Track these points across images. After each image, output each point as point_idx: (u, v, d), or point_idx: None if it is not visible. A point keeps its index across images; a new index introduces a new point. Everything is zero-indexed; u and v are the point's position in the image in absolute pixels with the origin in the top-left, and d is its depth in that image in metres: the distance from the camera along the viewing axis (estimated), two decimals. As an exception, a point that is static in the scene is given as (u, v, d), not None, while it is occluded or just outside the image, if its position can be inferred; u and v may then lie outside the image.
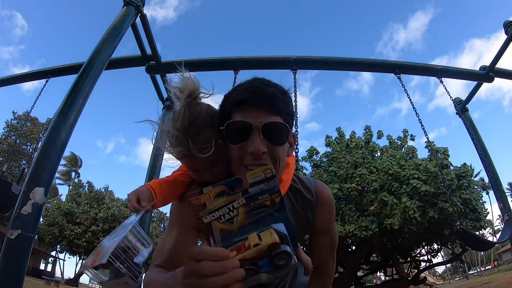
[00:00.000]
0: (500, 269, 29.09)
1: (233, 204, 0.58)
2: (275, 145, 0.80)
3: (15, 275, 1.80)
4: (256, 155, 0.77)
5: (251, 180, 0.58)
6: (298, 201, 0.98)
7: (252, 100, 0.80)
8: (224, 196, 0.58)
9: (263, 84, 0.83)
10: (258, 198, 0.58)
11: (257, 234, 0.56)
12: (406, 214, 7.33)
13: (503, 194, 4.09)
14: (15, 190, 3.46)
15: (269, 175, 0.59)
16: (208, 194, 0.58)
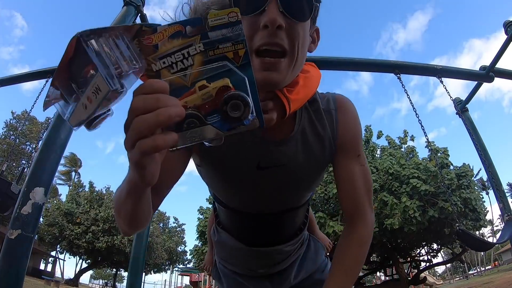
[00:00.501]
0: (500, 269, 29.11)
1: (188, 50, 0.47)
2: (295, 20, 0.64)
3: (15, 275, 1.80)
4: (271, 28, 0.61)
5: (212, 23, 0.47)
6: (318, 113, 0.80)
7: None
8: (180, 38, 0.47)
9: None
10: (219, 46, 0.47)
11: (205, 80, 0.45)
12: (406, 214, 7.34)
13: (503, 194, 4.09)
14: (15, 189, 3.46)
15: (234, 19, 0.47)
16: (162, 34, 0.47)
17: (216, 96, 0.44)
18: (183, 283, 36.98)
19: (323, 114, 0.80)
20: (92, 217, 21.67)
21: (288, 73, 0.66)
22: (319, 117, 0.80)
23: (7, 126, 22.59)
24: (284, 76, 0.66)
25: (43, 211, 12.27)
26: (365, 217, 0.82)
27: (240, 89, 0.44)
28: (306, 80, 0.75)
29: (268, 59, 0.63)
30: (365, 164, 0.83)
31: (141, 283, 3.72)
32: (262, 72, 0.63)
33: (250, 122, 0.44)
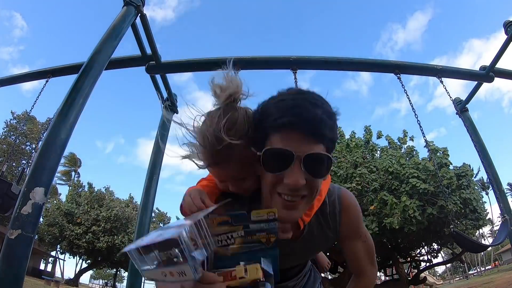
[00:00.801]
0: (500, 269, 29.09)
1: (232, 234, 0.64)
2: (316, 178, 0.73)
3: (15, 275, 1.80)
4: (294, 188, 0.71)
5: (254, 218, 0.64)
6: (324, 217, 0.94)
7: (296, 125, 0.69)
8: (227, 226, 0.64)
9: (310, 104, 0.71)
10: (256, 234, 0.64)
11: (244, 268, 0.60)
12: (405, 213, 7.34)
13: (503, 194, 4.08)
14: (15, 190, 3.46)
15: (271, 218, 0.64)
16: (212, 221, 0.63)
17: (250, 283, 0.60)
18: (183, 283, 36.94)
19: (329, 217, 0.94)
20: (92, 217, 21.66)
21: (303, 210, 0.79)
22: (326, 219, 0.94)
23: (7, 126, 22.57)
24: (302, 212, 0.79)
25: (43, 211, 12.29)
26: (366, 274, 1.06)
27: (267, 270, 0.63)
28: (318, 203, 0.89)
29: (289, 202, 0.74)
30: (367, 240, 1.02)
31: (141, 283, 3.72)
32: (283, 211, 0.73)
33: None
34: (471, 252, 4.49)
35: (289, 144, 0.70)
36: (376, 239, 8.33)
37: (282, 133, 0.71)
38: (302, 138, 0.70)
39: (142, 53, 3.69)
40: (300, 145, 0.70)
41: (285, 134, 0.70)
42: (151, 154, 4.15)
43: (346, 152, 9.45)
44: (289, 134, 0.70)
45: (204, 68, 3.98)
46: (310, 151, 0.70)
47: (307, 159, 0.69)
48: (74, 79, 2.51)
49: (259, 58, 3.87)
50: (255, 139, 0.76)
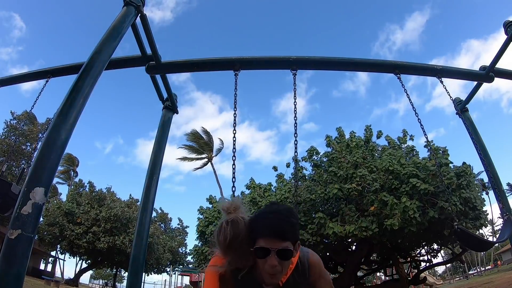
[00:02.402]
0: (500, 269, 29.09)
1: None
2: (284, 261, 1.22)
3: (15, 275, 1.79)
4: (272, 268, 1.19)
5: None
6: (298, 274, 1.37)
7: (271, 234, 1.20)
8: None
9: (280, 221, 1.21)
10: None
11: None
12: (406, 214, 7.33)
13: (503, 194, 4.09)
14: (15, 190, 3.46)
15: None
16: None
17: None
18: (183, 283, 36.97)
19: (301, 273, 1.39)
20: (92, 217, 21.65)
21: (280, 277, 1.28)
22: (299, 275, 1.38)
23: (7, 127, 22.57)
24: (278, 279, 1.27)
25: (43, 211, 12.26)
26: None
27: None
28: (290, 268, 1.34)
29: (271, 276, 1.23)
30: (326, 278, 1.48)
31: (141, 283, 3.72)
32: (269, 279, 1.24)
33: None
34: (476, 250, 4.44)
35: (268, 244, 1.19)
36: (376, 239, 8.33)
37: (263, 237, 1.20)
38: (275, 240, 1.19)
39: (142, 53, 3.69)
40: (274, 244, 1.19)
41: (265, 238, 1.20)
42: (151, 154, 4.15)
43: (346, 152, 9.45)
44: (268, 238, 1.20)
45: (204, 68, 3.98)
46: (280, 247, 1.19)
47: (278, 252, 1.19)
48: (74, 79, 2.51)
49: (259, 58, 3.87)
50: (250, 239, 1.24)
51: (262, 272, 1.24)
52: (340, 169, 8.74)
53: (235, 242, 1.21)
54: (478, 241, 3.90)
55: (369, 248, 10.02)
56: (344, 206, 8.47)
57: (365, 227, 7.86)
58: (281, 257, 1.20)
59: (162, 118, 4.40)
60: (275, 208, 1.29)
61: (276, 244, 1.19)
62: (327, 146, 10.52)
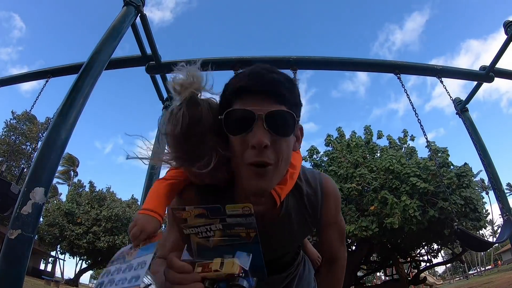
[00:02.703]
0: (500, 269, 29.08)
1: (211, 226, 0.63)
2: (280, 136, 0.73)
3: (15, 275, 1.79)
4: (259, 148, 0.70)
5: (229, 212, 0.62)
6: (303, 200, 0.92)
7: (255, 87, 0.73)
8: (203, 218, 0.63)
9: (266, 71, 0.75)
10: (234, 228, 0.63)
11: (221, 261, 0.61)
12: (406, 213, 7.33)
13: (503, 194, 4.08)
14: (14, 189, 3.46)
15: (247, 213, 0.61)
16: (189, 213, 0.63)
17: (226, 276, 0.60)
18: (183, 283, 36.95)
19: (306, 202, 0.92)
20: (93, 217, 21.64)
21: (274, 177, 0.77)
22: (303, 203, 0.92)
23: (7, 126, 22.56)
24: (271, 181, 0.77)
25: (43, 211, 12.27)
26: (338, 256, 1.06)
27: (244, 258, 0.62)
28: (291, 177, 0.89)
29: (258, 169, 0.73)
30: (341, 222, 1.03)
31: (141, 283, 3.71)
32: (254, 180, 0.74)
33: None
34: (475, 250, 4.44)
35: (250, 105, 0.72)
36: (376, 239, 8.33)
37: (242, 97, 0.74)
38: (262, 100, 0.72)
39: (142, 53, 3.69)
40: (261, 106, 0.71)
41: (245, 98, 0.73)
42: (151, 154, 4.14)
43: (347, 152, 9.45)
44: (249, 97, 0.73)
45: (203, 68, 3.98)
46: (272, 108, 0.72)
47: (269, 116, 0.71)
48: (74, 79, 2.51)
49: (259, 58, 3.88)
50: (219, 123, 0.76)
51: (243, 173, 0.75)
52: (340, 169, 8.74)
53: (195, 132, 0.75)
54: (478, 242, 3.90)
55: (369, 248, 10.02)
56: (344, 206, 8.47)
57: (365, 227, 7.86)
58: (273, 128, 0.71)
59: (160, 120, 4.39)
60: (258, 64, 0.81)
61: (264, 106, 0.72)
62: (326, 145, 10.52)
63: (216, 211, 0.62)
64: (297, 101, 0.79)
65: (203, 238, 0.64)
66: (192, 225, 0.63)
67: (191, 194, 0.90)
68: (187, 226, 0.64)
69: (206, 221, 0.63)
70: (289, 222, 0.92)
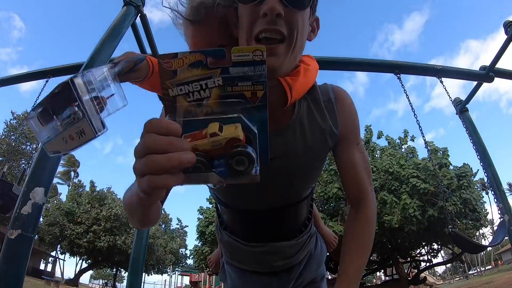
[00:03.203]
0: (500, 269, 29.10)
1: (207, 82, 0.47)
2: (295, 8, 0.65)
3: (15, 275, 1.80)
4: (270, 16, 0.63)
5: (235, 58, 0.46)
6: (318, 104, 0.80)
7: None
8: (200, 68, 0.46)
9: None
10: (238, 83, 0.47)
11: (219, 124, 0.45)
12: (405, 212, 7.34)
13: (503, 195, 4.08)
14: (16, 190, 3.46)
15: (258, 58, 0.46)
16: (182, 60, 0.46)
17: (225, 145, 0.43)
18: (183, 283, 36.99)
19: (322, 105, 0.80)
20: (93, 217, 21.66)
21: (286, 59, 0.67)
22: (319, 108, 0.80)
23: (7, 127, 22.59)
24: (282, 61, 0.67)
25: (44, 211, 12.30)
26: (368, 199, 0.85)
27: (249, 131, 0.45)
28: (306, 71, 0.76)
29: (267, 42, 0.64)
30: (364, 152, 0.87)
31: (141, 283, 3.72)
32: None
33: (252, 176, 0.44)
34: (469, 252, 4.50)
35: None
36: (376, 239, 8.34)
37: None
38: None
39: (142, 53, 3.69)
40: None
41: None
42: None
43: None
44: None
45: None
46: None
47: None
48: (74, 79, 2.51)
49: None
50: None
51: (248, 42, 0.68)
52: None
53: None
54: (471, 244, 3.94)
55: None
56: (344, 206, 8.48)
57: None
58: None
59: (162, 118, 4.40)
60: None
61: None
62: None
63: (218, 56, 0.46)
64: None
65: (194, 101, 0.47)
66: (182, 80, 0.46)
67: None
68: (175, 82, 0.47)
69: (203, 72, 0.46)
70: (301, 133, 0.78)
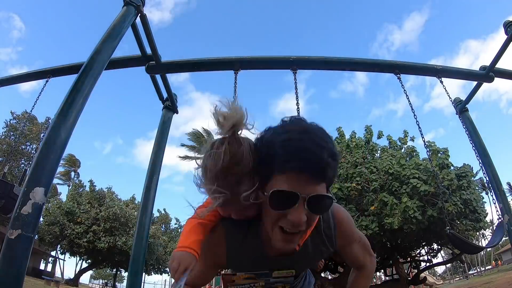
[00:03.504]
0: (500, 269, 29.08)
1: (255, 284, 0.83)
2: (316, 215, 0.81)
3: (15, 275, 1.79)
4: (295, 228, 0.78)
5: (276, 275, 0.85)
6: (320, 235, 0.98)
7: (303, 169, 0.73)
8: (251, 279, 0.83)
9: (317, 147, 0.73)
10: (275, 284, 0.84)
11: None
12: (406, 213, 7.34)
13: (503, 195, 4.07)
14: (17, 191, 3.46)
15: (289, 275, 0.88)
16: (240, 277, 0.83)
17: None
18: (183, 283, 36.91)
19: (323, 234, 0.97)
20: (93, 217, 21.65)
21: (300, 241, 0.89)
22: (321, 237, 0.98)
23: (7, 126, 22.56)
24: (296, 243, 0.85)
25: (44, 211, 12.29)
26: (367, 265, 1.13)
27: None
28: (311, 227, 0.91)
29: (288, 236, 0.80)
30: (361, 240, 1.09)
31: (141, 283, 3.72)
32: (282, 243, 0.81)
33: None
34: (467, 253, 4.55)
35: (295, 186, 0.74)
36: (376, 239, 8.33)
37: (288, 174, 0.74)
38: (307, 180, 0.74)
39: (142, 53, 3.69)
40: (305, 186, 0.74)
41: (290, 176, 0.74)
42: (151, 154, 4.15)
43: (346, 153, 9.45)
44: (295, 177, 0.74)
45: (204, 68, 3.98)
46: (314, 192, 0.75)
47: (310, 200, 0.75)
48: (74, 79, 2.51)
49: (259, 58, 3.87)
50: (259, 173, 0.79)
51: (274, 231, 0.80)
52: (340, 169, 8.74)
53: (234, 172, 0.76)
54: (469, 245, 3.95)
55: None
56: (344, 206, 8.47)
57: (365, 226, 7.86)
58: (312, 209, 0.76)
59: (162, 118, 4.39)
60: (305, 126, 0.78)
61: (308, 188, 0.73)
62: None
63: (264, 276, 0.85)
64: (335, 175, 0.82)
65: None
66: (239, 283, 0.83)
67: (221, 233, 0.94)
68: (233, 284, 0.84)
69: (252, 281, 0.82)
70: (306, 255, 0.98)
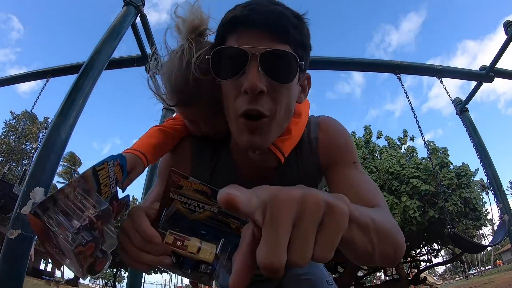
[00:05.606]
0: (500, 269, 29.09)
1: (204, 205, 0.54)
2: (278, 83, 0.60)
3: (15, 275, 1.80)
4: (252, 93, 0.58)
5: None
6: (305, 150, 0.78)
7: (251, 20, 0.59)
8: (203, 196, 0.53)
9: (269, 1, 0.62)
10: (229, 218, 0.55)
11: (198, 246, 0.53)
12: (406, 213, 7.34)
13: (503, 195, 4.08)
14: (17, 191, 3.46)
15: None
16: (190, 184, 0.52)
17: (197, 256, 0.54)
18: (183, 283, 37.00)
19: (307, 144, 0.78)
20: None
21: (271, 133, 0.66)
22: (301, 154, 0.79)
23: (6, 127, 22.58)
24: (266, 137, 0.65)
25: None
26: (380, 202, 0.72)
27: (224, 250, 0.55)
28: (296, 126, 0.77)
29: (250, 122, 0.62)
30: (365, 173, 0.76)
31: (141, 283, 3.72)
32: (246, 135, 0.63)
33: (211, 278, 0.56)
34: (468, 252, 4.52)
35: (244, 42, 0.59)
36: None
37: (237, 32, 0.61)
38: (260, 36, 0.59)
39: (142, 53, 3.69)
40: (258, 43, 0.59)
41: (240, 34, 0.61)
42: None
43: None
44: (245, 33, 0.60)
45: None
46: (269, 48, 0.58)
47: (265, 57, 0.58)
48: (74, 79, 2.51)
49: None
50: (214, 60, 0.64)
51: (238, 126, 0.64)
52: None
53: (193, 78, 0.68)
54: (470, 244, 3.95)
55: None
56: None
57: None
58: (270, 73, 0.60)
59: (162, 119, 4.40)
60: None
61: (262, 44, 0.59)
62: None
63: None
64: (304, 42, 0.63)
65: (187, 209, 0.54)
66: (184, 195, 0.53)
67: (187, 146, 0.82)
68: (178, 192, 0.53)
69: (204, 199, 0.53)
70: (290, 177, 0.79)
